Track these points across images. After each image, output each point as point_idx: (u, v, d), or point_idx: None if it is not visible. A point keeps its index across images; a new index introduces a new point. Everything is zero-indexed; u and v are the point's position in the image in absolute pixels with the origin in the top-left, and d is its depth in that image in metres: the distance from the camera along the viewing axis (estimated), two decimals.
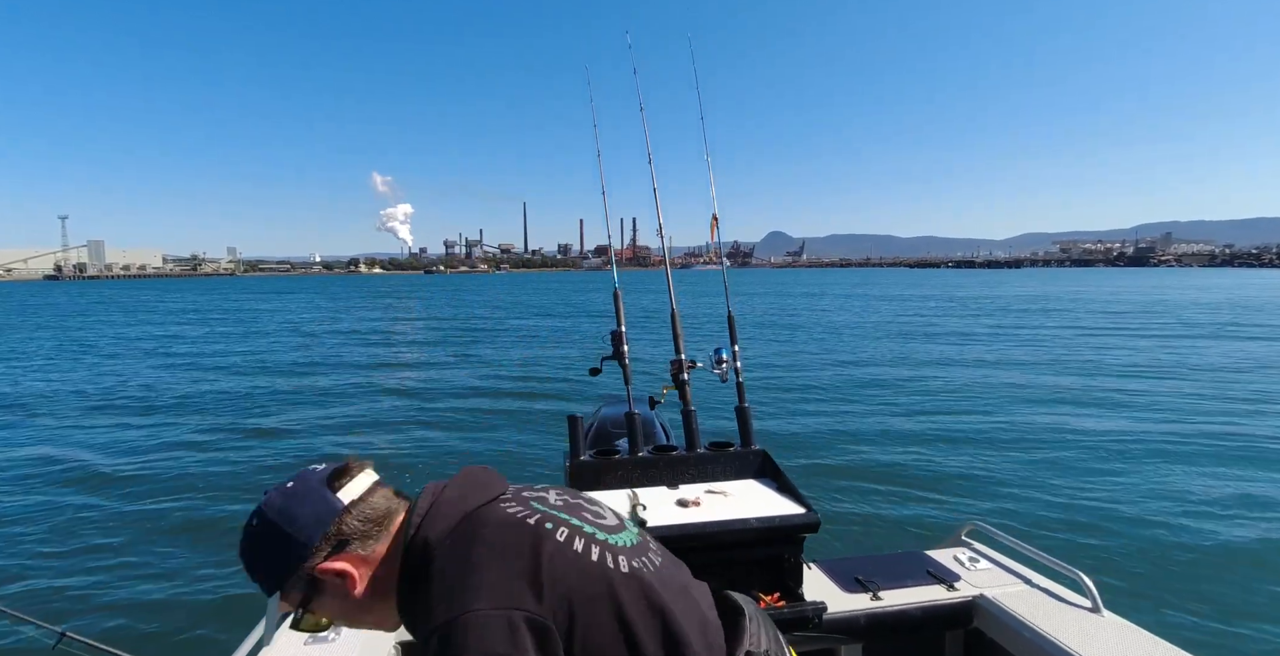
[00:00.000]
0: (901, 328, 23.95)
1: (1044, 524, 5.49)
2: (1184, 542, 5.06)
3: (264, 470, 7.62)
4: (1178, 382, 11.94)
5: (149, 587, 4.76)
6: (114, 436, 9.34)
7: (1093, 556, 4.81)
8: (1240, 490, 6.17)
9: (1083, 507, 5.81)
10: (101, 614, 4.41)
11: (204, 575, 4.93)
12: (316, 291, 77.54)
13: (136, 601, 4.57)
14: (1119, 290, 52.69)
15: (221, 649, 2.23)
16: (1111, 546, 5.03)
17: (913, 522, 5.60)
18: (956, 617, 2.07)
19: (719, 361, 2.51)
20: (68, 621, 2.55)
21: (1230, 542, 5.04)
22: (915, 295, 50.22)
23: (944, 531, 3.91)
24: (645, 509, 1.93)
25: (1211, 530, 5.26)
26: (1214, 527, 5.31)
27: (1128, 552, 4.92)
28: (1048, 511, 5.76)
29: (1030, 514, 5.72)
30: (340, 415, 10.66)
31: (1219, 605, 4.16)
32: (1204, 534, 5.20)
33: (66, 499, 6.76)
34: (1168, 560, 4.80)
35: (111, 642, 1.95)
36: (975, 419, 9.33)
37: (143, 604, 4.53)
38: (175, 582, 4.83)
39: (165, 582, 4.83)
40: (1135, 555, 4.87)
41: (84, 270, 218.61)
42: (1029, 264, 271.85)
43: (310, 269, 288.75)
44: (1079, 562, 2.07)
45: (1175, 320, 25.40)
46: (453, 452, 8.31)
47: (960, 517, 5.38)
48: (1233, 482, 6.39)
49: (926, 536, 5.09)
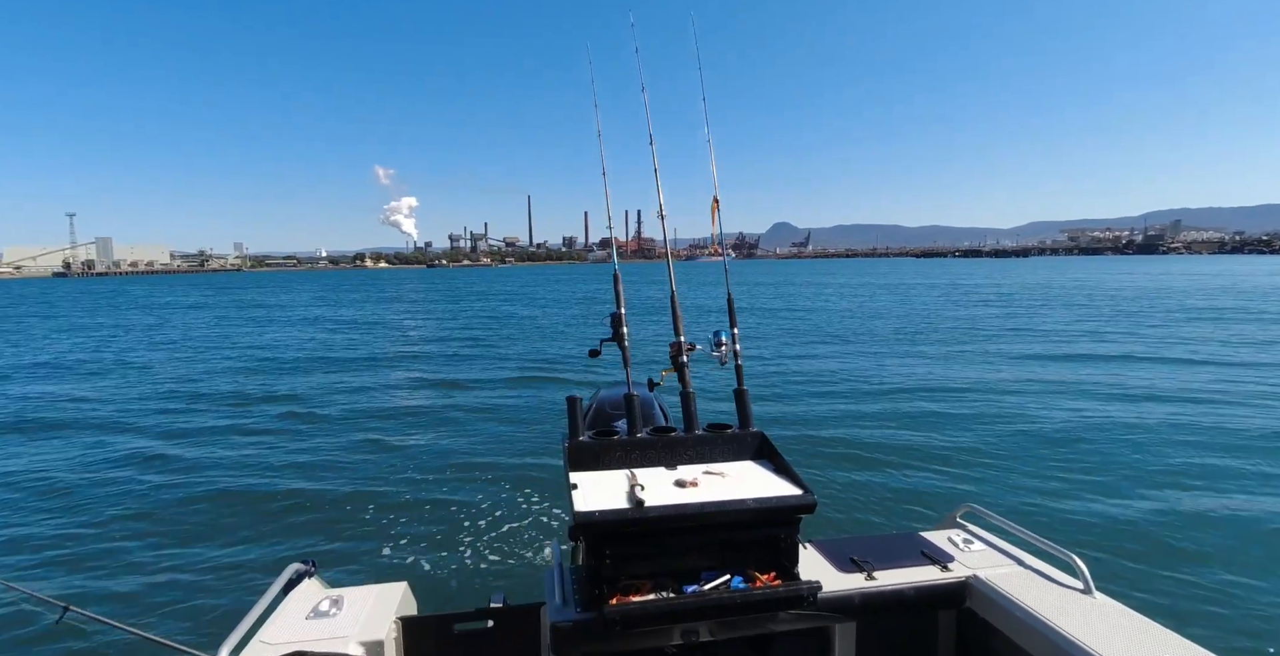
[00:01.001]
0: (900, 315, 23.89)
1: (1037, 506, 5.51)
2: (1174, 525, 5.07)
3: (264, 449, 7.69)
4: (1173, 368, 11.90)
5: (153, 563, 4.83)
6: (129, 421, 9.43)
7: (1085, 538, 4.83)
8: (1231, 474, 6.18)
9: (1076, 491, 5.83)
10: (105, 588, 4.48)
11: (208, 551, 5.00)
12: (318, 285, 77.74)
13: (141, 576, 4.63)
14: (1124, 277, 52.30)
15: (224, 623, 2.31)
16: (1103, 528, 5.05)
17: (908, 504, 5.63)
18: (950, 597, 2.08)
19: (718, 344, 2.50)
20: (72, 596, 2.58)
21: (1220, 525, 5.06)
22: (920, 284, 50.00)
23: (939, 513, 3.92)
24: (644, 489, 1.95)
25: (1202, 513, 5.27)
26: (1205, 511, 5.32)
27: (1119, 535, 4.94)
28: (1041, 494, 5.79)
29: (1024, 496, 5.75)
30: (346, 399, 10.71)
31: (1208, 587, 4.18)
32: (1194, 517, 5.21)
33: (72, 477, 6.86)
34: (1158, 542, 4.82)
35: (115, 617, 1.98)
36: (970, 403, 9.35)
37: (147, 579, 4.60)
38: (179, 558, 4.90)
39: (168, 558, 4.91)
40: (1127, 537, 4.89)
41: (92, 267, 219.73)
42: (1036, 253, 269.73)
43: (316, 264, 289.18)
44: (1071, 544, 2.08)
45: (1176, 306, 25.25)
46: (456, 434, 8.35)
47: (955, 499, 5.40)
48: (1223, 466, 6.40)
49: (921, 518, 5.11)
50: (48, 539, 5.34)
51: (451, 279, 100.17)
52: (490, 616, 2.05)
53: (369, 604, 1.94)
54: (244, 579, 4.50)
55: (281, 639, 1.76)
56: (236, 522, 5.57)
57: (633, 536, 1.81)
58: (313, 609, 1.89)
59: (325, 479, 6.70)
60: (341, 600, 1.94)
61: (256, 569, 4.67)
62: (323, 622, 1.83)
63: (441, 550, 4.98)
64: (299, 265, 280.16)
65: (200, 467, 7.11)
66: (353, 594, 2.00)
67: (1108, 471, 6.33)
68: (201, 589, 4.42)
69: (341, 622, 1.83)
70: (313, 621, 1.83)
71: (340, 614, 1.87)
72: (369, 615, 1.87)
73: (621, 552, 1.81)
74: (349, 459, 7.37)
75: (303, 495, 6.22)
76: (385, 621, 1.86)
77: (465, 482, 6.47)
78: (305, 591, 2.02)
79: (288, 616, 1.86)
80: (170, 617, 4.07)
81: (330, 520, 5.61)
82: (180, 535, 5.33)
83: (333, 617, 1.85)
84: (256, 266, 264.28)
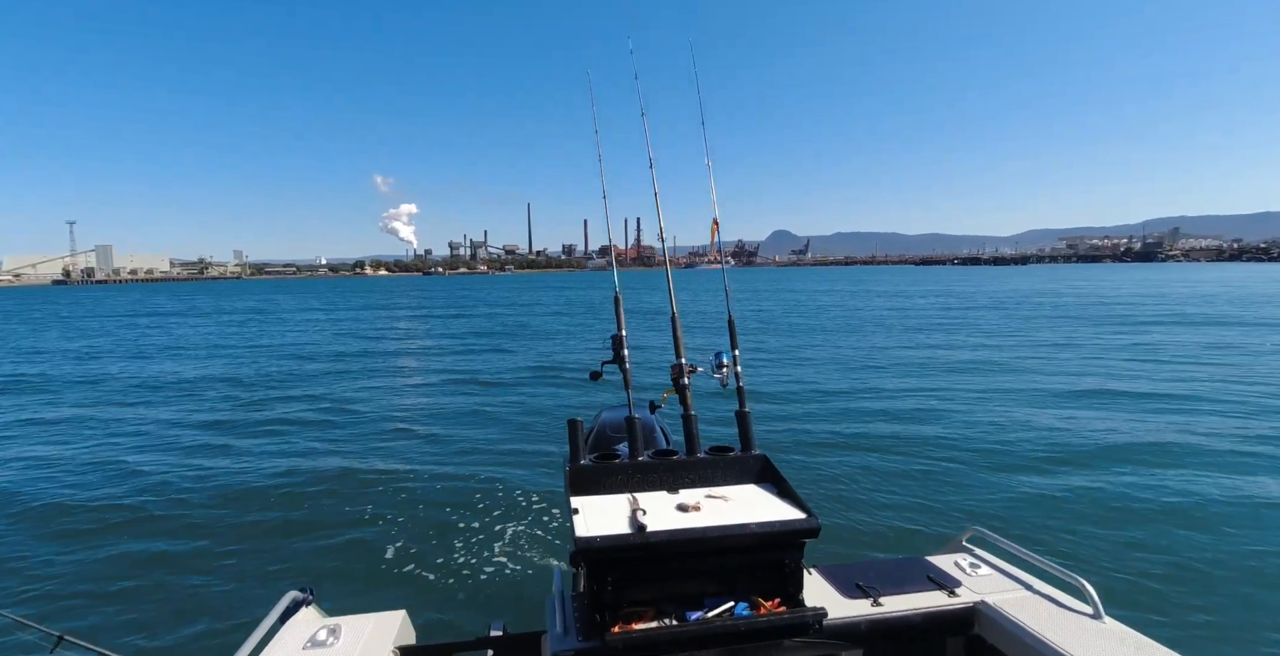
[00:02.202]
0: (900, 329, 23.83)
1: (1045, 529, 5.44)
2: (1186, 549, 5.01)
3: (262, 474, 7.64)
4: (1182, 384, 11.82)
5: (149, 590, 4.78)
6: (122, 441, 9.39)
7: (1094, 562, 4.77)
8: (1243, 496, 6.09)
9: (1084, 513, 5.76)
10: (101, 616, 4.43)
11: (204, 578, 4.95)
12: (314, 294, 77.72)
13: (135, 604, 4.58)
14: (1120, 285, 52.37)
15: (221, 652, 2.24)
16: (1113, 552, 4.98)
17: (913, 528, 5.56)
18: (958, 624, 2.06)
19: (719, 366, 2.49)
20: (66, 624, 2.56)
21: (1233, 549, 5.00)
22: (917, 291, 50.04)
23: (945, 537, 3.89)
24: (645, 514, 1.93)
25: (1213, 537, 5.21)
26: (1216, 534, 5.26)
27: (1129, 558, 4.87)
28: (1049, 517, 5.71)
29: (1031, 519, 5.67)
30: (342, 420, 10.69)
31: (1220, 612, 4.13)
32: (1206, 540, 5.15)
33: (65, 498, 6.82)
34: (1169, 566, 4.75)
35: (109, 646, 1.96)
36: (976, 424, 9.26)
37: (142, 607, 4.55)
38: (175, 586, 4.85)
39: (164, 586, 4.85)
40: (1137, 561, 4.83)
41: (92, 275, 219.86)
42: (1035, 260, 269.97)
43: (316, 272, 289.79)
44: (1080, 568, 2.06)
45: (1175, 314, 25.24)
46: (454, 456, 8.32)
47: (961, 523, 5.35)
48: (1235, 488, 6.31)
49: (927, 542, 5.05)
50: (40, 565, 5.27)
51: (446, 287, 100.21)
52: (490, 645, 2.03)
53: (366, 633, 1.92)
54: (241, 606, 4.45)
55: None
56: (233, 549, 5.49)
57: (635, 562, 1.79)
58: (310, 638, 1.87)
59: (323, 503, 6.62)
60: (339, 629, 1.92)
61: (254, 596, 4.61)
62: (320, 652, 1.81)
63: (440, 576, 4.93)
64: (299, 273, 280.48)
65: (196, 492, 7.02)
66: (350, 622, 1.97)
67: (1114, 493, 6.25)
68: (198, 617, 4.38)
69: (339, 652, 1.81)
70: (310, 651, 1.81)
71: (338, 643, 1.84)
72: (366, 644, 1.85)
73: (623, 578, 1.79)
74: (346, 483, 7.28)
75: (300, 520, 6.15)
76: (383, 651, 1.84)
77: (464, 506, 6.38)
78: (303, 620, 1.99)
79: (284, 646, 1.83)
80: (167, 647, 4.02)
81: (328, 546, 5.53)
82: (176, 561, 5.27)
83: (330, 647, 1.83)
84: (256, 274, 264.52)
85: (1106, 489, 6.37)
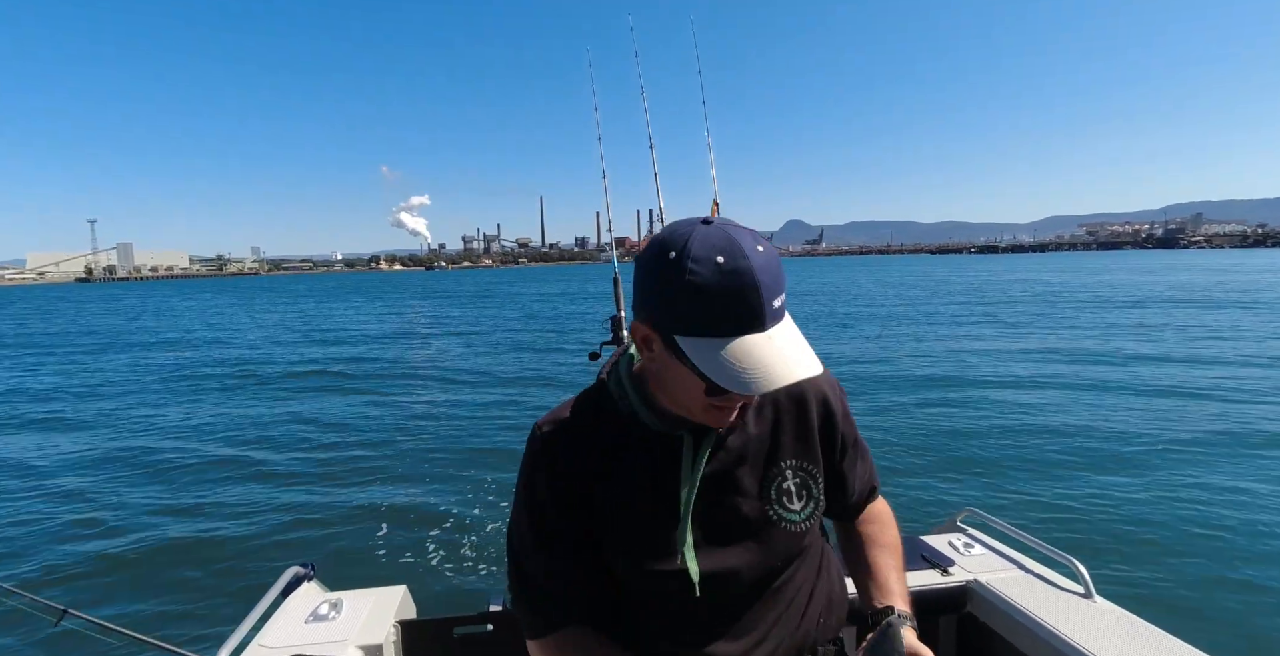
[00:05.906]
0: (900, 315, 23.63)
1: (1038, 510, 5.43)
2: (1177, 529, 4.98)
3: (263, 451, 7.75)
4: (1176, 368, 11.59)
5: (151, 566, 4.87)
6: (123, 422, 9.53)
7: (1086, 542, 4.75)
8: (1234, 476, 6.03)
9: (1077, 494, 5.73)
10: (104, 591, 4.53)
11: (207, 554, 5.03)
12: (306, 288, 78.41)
13: (139, 579, 4.68)
14: (1139, 273, 51.47)
15: (223, 626, 2.30)
16: (1105, 532, 4.97)
17: (907, 508, 5.52)
18: (950, 602, 2.07)
19: None
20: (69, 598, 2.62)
21: (1222, 529, 4.95)
22: (929, 281, 49.51)
23: (938, 517, 3.89)
24: None
25: (1204, 517, 5.17)
26: (1207, 514, 5.21)
27: (1121, 538, 4.85)
28: (1042, 497, 5.69)
29: (1025, 500, 5.66)
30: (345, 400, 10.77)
31: (1211, 591, 4.10)
32: (1196, 520, 5.11)
33: (70, 478, 6.96)
34: (1160, 546, 4.73)
35: (113, 620, 2.01)
36: (971, 405, 9.17)
37: (145, 581, 4.64)
38: (177, 561, 4.93)
39: (167, 561, 4.94)
40: (1128, 541, 4.80)
41: (113, 272, 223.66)
42: (1054, 248, 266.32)
43: (332, 267, 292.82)
44: (1072, 548, 2.06)
45: (1187, 301, 24.79)
46: (455, 436, 8.34)
47: (955, 503, 5.34)
48: (1227, 469, 6.24)
49: (921, 521, 5.04)
50: (43, 540, 5.38)
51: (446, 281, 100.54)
52: (490, 620, 2.06)
53: (368, 607, 1.95)
54: (243, 581, 4.51)
55: (280, 642, 1.77)
56: (235, 525, 5.58)
57: None
58: (311, 612, 1.91)
59: (325, 481, 6.71)
60: (341, 603, 1.95)
61: (255, 572, 4.68)
62: (321, 626, 1.84)
63: (441, 553, 4.99)
64: (315, 268, 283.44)
65: (199, 469, 7.14)
66: (352, 597, 2.01)
67: (1107, 474, 6.21)
68: (200, 592, 4.45)
69: (340, 626, 1.84)
70: (311, 624, 1.85)
71: (339, 617, 1.88)
72: (368, 618, 1.88)
73: None
74: (348, 461, 7.36)
75: (302, 498, 6.22)
76: (384, 624, 1.87)
77: (465, 485, 6.44)
78: (304, 594, 2.03)
79: (286, 619, 1.87)
80: (168, 620, 4.09)
81: (329, 522, 5.60)
82: (179, 538, 5.35)
83: (331, 621, 1.86)
84: (273, 270, 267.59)
85: (1100, 470, 6.33)
